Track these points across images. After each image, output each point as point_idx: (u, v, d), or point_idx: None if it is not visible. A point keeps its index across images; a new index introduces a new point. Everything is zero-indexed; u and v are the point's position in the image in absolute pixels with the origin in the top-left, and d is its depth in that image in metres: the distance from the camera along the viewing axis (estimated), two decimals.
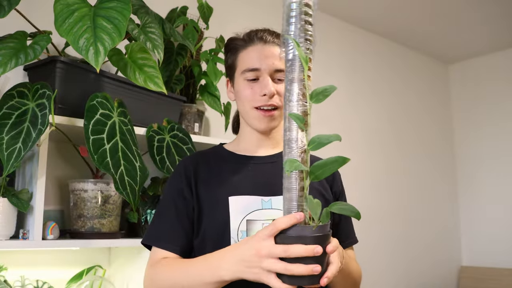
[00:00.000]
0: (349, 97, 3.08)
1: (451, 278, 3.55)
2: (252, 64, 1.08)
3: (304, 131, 0.80)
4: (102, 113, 1.38)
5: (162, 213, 1.10)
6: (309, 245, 0.76)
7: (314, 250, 0.76)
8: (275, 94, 1.07)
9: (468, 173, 3.73)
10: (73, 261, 1.67)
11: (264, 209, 1.05)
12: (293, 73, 0.81)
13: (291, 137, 0.80)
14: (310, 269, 0.76)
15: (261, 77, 1.08)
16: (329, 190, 1.16)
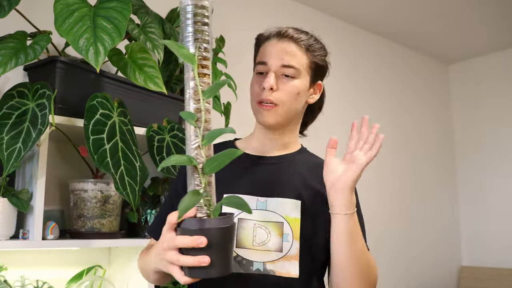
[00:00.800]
0: (349, 97, 3.08)
1: (451, 278, 3.55)
2: (261, 58, 1.09)
3: (196, 128, 0.83)
4: (102, 113, 1.38)
5: (160, 211, 1.19)
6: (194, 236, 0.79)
7: (197, 241, 0.78)
8: (275, 90, 1.06)
9: (468, 173, 3.73)
10: (73, 261, 1.67)
11: (258, 209, 1.05)
12: (187, 73, 0.85)
13: (187, 135, 0.85)
14: (197, 260, 0.78)
15: (269, 71, 1.08)
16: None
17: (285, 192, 1.08)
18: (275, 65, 1.07)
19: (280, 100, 1.07)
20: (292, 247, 1.04)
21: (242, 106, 2.13)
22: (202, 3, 0.86)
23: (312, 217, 1.07)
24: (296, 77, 1.08)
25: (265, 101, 1.06)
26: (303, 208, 1.07)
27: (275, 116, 1.08)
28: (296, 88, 1.08)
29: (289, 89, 1.07)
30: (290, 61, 1.07)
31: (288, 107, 1.08)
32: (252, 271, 1.03)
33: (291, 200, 1.07)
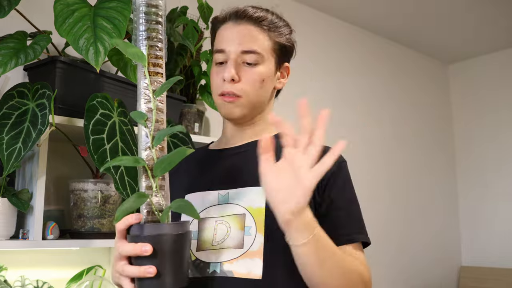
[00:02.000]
0: (349, 97, 3.08)
1: (451, 278, 3.55)
2: (218, 45, 0.99)
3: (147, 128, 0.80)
4: (102, 113, 1.38)
5: None
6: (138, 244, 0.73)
7: (140, 248, 0.72)
8: (237, 81, 0.96)
9: (468, 173, 3.73)
10: (73, 261, 1.67)
11: (220, 204, 0.95)
12: (139, 72, 0.82)
13: (138, 136, 0.81)
14: (142, 270, 0.72)
15: (228, 60, 0.97)
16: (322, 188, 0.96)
17: (248, 181, 0.95)
18: (234, 52, 0.96)
19: (243, 91, 0.97)
20: (254, 242, 0.89)
21: None
22: (156, 2, 0.84)
23: None
24: (259, 63, 0.98)
25: (226, 93, 0.97)
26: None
27: (240, 108, 0.98)
28: (260, 75, 0.98)
29: (253, 78, 0.97)
30: (251, 46, 0.96)
31: (253, 97, 0.98)
32: (208, 273, 0.90)
33: (254, 188, 0.93)
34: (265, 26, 0.99)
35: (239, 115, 1.00)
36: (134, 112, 0.80)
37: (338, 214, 0.94)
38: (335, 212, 0.94)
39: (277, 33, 1.00)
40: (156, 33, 0.82)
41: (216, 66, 1.00)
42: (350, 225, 0.96)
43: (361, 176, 2.96)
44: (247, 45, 0.96)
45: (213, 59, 1.01)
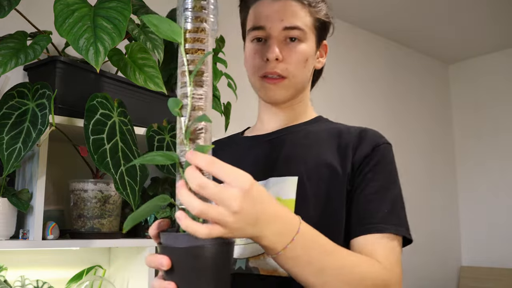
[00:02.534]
0: (349, 97, 3.08)
1: (451, 278, 3.55)
2: (257, 22, 0.91)
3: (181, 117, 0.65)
4: (102, 113, 1.38)
5: None
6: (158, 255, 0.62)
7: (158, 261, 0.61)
8: (281, 60, 0.89)
9: (468, 173, 3.73)
10: (73, 261, 1.67)
11: None
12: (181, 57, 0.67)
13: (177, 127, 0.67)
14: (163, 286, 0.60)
15: (268, 38, 0.90)
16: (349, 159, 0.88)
17: (281, 170, 0.89)
18: (276, 29, 0.89)
19: (288, 72, 0.90)
20: None
21: (242, 106, 2.13)
22: None
23: (316, 196, 0.85)
24: (302, 40, 0.91)
25: (270, 75, 0.90)
26: (301, 186, 0.85)
27: (284, 91, 0.92)
28: (304, 54, 0.92)
29: (297, 57, 0.91)
30: (293, 21, 0.90)
31: (298, 78, 0.92)
32: (234, 270, 0.84)
33: (286, 178, 0.87)
34: (305, 1, 0.92)
35: (283, 98, 0.93)
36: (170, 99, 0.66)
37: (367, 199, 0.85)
38: (363, 196, 0.85)
39: (316, 8, 0.94)
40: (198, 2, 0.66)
41: (253, 44, 0.92)
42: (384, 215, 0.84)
43: None
44: (290, 20, 0.89)
45: (249, 36, 0.93)
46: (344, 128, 0.95)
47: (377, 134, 0.94)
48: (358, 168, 0.87)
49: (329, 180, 0.86)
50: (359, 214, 0.84)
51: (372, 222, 0.82)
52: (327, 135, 0.93)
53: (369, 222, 0.82)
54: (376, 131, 0.95)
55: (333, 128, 0.95)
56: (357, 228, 0.83)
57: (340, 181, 0.86)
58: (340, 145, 0.90)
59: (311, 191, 0.85)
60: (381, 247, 0.81)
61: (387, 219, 0.83)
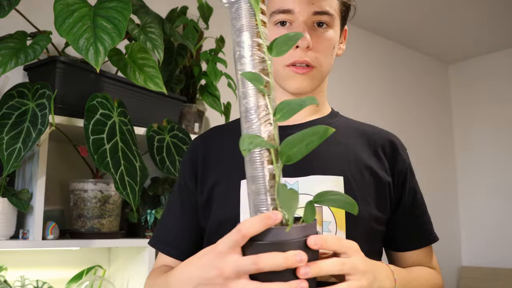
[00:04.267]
0: (349, 97, 3.08)
1: (451, 278, 3.55)
2: (282, 4, 0.82)
3: (266, 95, 0.58)
4: (102, 113, 1.38)
5: (169, 206, 0.94)
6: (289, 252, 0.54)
7: (296, 258, 0.54)
8: (311, 48, 0.82)
9: (468, 173, 3.73)
10: (73, 261, 1.67)
11: None
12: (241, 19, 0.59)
13: (248, 105, 0.58)
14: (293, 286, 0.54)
15: (295, 22, 0.82)
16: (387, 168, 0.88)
17: (321, 168, 0.83)
18: (306, 13, 0.81)
19: (317, 61, 0.84)
20: None
21: None
22: None
23: (363, 199, 0.82)
24: (331, 26, 0.84)
25: (299, 63, 0.83)
26: (348, 186, 0.82)
27: (311, 81, 0.85)
28: (332, 41, 0.85)
29: (326, 45, 0.84)
30: (323, 5, 0.82)
31: (325, 67, 0.86)
32: None
33: (330, 177, 0.82)
34: None
35: (310, 89, 0.86)
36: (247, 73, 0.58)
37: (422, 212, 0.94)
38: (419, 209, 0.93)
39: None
40: None
41: (277, 28, 0.83)
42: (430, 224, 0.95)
43: None
44: (320, 4, 0.82)
45: (272, 20, 0.83)
46: (367, 128, 0.94)
47: (400, 140, 0.96)
48: (404, 180, 0.90)
49: (373, 184, 0.85)
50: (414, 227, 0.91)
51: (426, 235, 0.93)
52: (355, 134, 0.91)
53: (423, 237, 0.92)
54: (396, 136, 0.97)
55: (357, 127, 0.94)
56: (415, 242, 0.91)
57: (384, 187, 0.86)
58: (371, 147, 0.89)
59: (359, 192, 0.83)
60: (431, 254, 0.94)
61: (432, 229, 0.94)
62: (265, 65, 0.58)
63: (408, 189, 0.91)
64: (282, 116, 0.57)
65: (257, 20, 0.58)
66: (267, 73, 0.58)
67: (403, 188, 0.90)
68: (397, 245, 0.92)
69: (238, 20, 0.60)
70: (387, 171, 0.88)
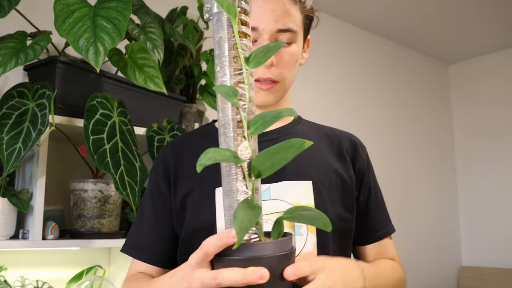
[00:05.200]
0: (349, 97, 3.08)
1: (451, 278, 3.55)
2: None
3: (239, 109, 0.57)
4: (102, 113, 1.38)
5: (141, 213, 0.93)
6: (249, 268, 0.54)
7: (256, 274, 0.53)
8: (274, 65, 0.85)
9: (468, 173, 3.73)
10: (73, 261, 1.67)
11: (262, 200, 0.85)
12: (220, 31, 0.59)
13: (224, 120, 0.58)
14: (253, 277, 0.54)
15: (259, 39, 0.84)
16: (351, 168, 0.92)
17: (291, 173, 0.85)
18: (270, 31, 0.83)
19: (280, 76, 0.87)
20: (307, 242, 0.82)
21: None
22: None
23: (331, 201, 0.86)
24: (294, 41, 0.87)
25: (264, 80, 0.86)
26: (317, 190, 0.85)
27: (275, 95, 0.88)
28: (294, 55, 0.88)
29: (288, 60, 0.87)
30: (287, 23, 0.84)
31: (289, 81, 0.90)
32: None
33: (300, 182, 0.85)
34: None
35: (274, 102, 0.90)
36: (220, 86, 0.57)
37: (377, 206, 0.97)
38: (374, 203, 0.96)
39: (306, 3, 0.89)
40: None
41: None
42: (387, 218, 0.99)
43: None
44: (283, 21, 0.84)
45: None
46: (329, 130, 0.99)
47: (358, 139, 1.01)
48: (363, 177, 0.95)
49: (340, 187, 0.89)
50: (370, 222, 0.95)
51: (380, 228, 0.96)
52: (320, 138, 0.95)
53: (379, 229, 0.95)
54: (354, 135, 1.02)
55: (321, 130, 0.98)
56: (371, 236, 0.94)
57: (350, 187, 0.91)
58: (335, 149, 0.94)
59: (327, 196, 0.87)
60: (390, 247, 0.97)
61: (388, 220, 0.99)
62: (241, 77, 0.58)
63: (364, 186, 0.95)
64: (256, 129, 0.57)
65: (235, 31, 0.58)
66: (244, 86, 0.58)
67: (361, 185, 0.95)
68: (357, 239, 0.95)
69: (217, 32, 0.60)
70: (351, 171, 0.93)
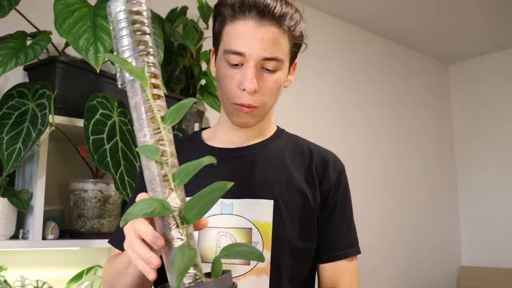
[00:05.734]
0: (350, 97, 3.08)
1: (451, 278, 3.55)
2: (236, 46, 0.84)
3: (164, 165, 0.62)
4: (102, 113, 1.38)
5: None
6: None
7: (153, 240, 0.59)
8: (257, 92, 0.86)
9: (468, 173, 3.73)
10: (73, 261, 1.67)
11: (223, 214, 0.87)
12: (135, 97, 0.64)
13: (149, 176, 0.63)
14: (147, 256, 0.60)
15: (245, 63, 0.85)
16: (317, 188, 0.94)
17: (255, 191, 0.89)
18: (256, 58, 0.84)
19: (261, 102, 0.88)
20: None
21: None
22: (138, 7, 0.65)
23: (291, 221, 0.90)
24: (279, 69, 0.88)
25: (246, 105, 0.87)
26: (277, 210, 0.89)
27: (255, 118, 0.91)
28: (278, 82, 0.89)
29: (271, 86, 0.88)
30: (274, 52, 0.85)
31: (269, 106, 0.91)
32: None
33: (262, 200, 0.89)
34: (285, 27, 0.87)
35: (253, 124, 0.92)
36: (142, 146, 0.63)
37: (340, 227, 0.96)
38: (337, 224, 0.96)
39: (295, 32, 0.90)
40: (146, 46, 0.65)
41: (229, 68, 0.87)
42: (348, 240, 0.97)
43: (360, 176, 2.97)
44: (270, 50, 0.85)
45: (225, 57, 0.87)
46: (305, 146, 0.99)
47: (336, 158, 1.00)
48: (327, 198, 0.95)
49: (302, 207, 0.91)
50: (329, 242, 0.94)
51: (339, 249, 0.94)
52: (292, 154, 0.97)
53: (337, 250, 0.94)
54: (333, 154, 1.01)
55: (297, 146, 0.99)
56: (327, 255, 0.94)
57: (312, 208, 0.92)
58: (306, 166, 0.95)
59: (287, 216, 0.89)
60: (348, 271, 0.95)
61: (351, 243, 0.96)
62: (160, 135, 0.63)
63: (326, 206, 0.95)
64: (180, 180, 0.62)
65: (148, 95, 0.63)
66: (164, 143, 0.63)
67: (323, 205, 0.95)
68: (315, 256, 0.95)
69: (133, 98, 0.64)
70: (317, 191, 0.94)
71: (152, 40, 0.67)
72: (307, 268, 0.94)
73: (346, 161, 1.10)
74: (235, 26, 0.86)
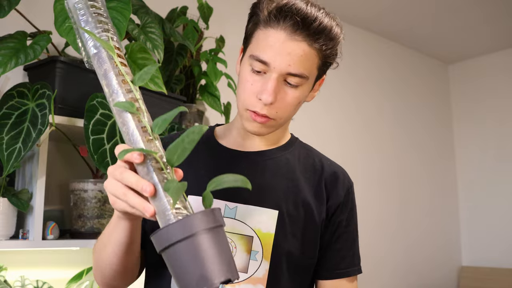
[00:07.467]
0: (350, 97, 3.08)
1: (451, 278, 3.55)
2: (262, 55, 0.82)
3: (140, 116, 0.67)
4: (102, 113, 1.38)
5: None
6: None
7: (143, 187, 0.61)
8: (273, 104, 0.84)
9: (468, 173, 3.73)
10: (73, 261, 1.67)
11: (225, 217, 0.87)
12: (104, 64, 0.69)
13: (129, 130, 0.66)
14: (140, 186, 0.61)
15: (268, 73, 0.83)
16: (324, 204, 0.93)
17: (261, 199, 0.88)
18: (280, 71, 0.82)
19: (277, 115, 0.86)
20: (259, 268, 0.86)
21: None
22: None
23: (293, 234, 0.89)
24: (302, 85, 0.85)
25: (260, 115, 0.85)
26: (281, 221, 0.88)
27: (268, 129, 0.88)
28: (298, 99, 0.87)
29: (290, 101, 0.86)
30: (300, 69, 0.82)
31: (285, 120, 0.89)
32: None
33: (266, 209, 0.88)
34: (318, 45, 0.83)
35: (265, 134, 0.90)
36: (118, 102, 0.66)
37: (344, 245, 0.95)
38: (341, 242, 0.95)
39: (328, 52, 0.85)
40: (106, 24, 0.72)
41: (252, 73, 0.84)
42: (350, 259, 0.96)
43: (360, 176, 2.96)
44: (297, 67, 0.82)
45: (250, 61, 0.84)
46: (317, 159, 0.98)
47: (345, 174, 1.00)
48: (333, 214, 0.94)
49: (307, 221, 0.90)
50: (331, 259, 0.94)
51: (341, 268, 0.94)
52: (303, 166, 0.96)
53: (339, 268, 0.94)
54: (343, 169, 1.00)
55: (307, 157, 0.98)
56: (329, 272, 0.94)
57: (316, 224, 0.91)
58: (315, 180, 0.94)
59: (290, 228, 0.89)
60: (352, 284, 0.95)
61: (353, 262, 0.96)
62: (133, 94, 0.68)
63: (332, 223, 0.94)
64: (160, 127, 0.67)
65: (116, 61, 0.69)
66: (136, 100, 0.68)
67: (329, 221, 0.94)
68: (315, 272, 0.95)
69: (101, 67, 0.70)
70: (324, 206, 0.93)
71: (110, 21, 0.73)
72: (306, 283, 0.93)
73: (346, 161, 1.10)
74: (266, 33, 0.83)
